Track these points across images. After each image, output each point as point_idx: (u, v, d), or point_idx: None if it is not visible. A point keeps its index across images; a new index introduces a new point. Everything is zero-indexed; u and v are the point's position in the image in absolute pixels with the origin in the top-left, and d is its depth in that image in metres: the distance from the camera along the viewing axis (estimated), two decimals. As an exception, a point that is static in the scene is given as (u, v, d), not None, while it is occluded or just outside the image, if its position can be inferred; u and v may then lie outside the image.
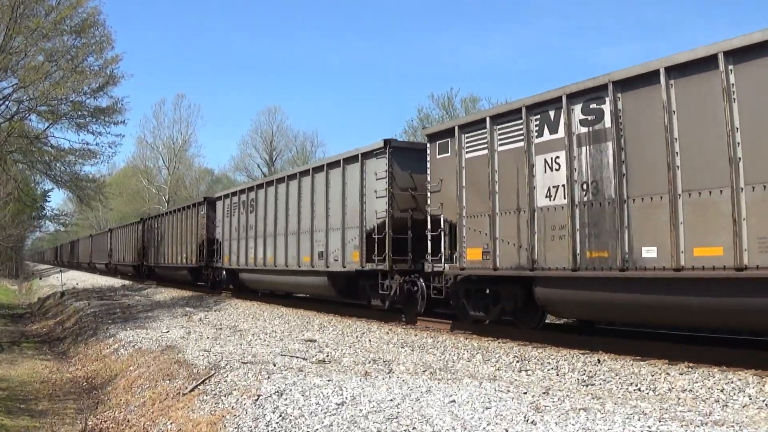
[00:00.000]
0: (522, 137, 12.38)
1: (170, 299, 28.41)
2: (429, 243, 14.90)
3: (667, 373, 9.20)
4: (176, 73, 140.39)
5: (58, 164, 28.05)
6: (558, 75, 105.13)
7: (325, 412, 7.57)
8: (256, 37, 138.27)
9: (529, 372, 10.11)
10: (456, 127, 14.10)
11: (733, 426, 6.26)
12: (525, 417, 6.75)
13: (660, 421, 6.39)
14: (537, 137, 12.12)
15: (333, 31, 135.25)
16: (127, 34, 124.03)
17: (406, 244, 16.09)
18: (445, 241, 14.41)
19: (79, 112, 26.10)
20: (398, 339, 14.02)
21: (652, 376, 9.17)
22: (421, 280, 15.57)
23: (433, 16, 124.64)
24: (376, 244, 16.37)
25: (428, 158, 15.03)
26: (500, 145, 12.97)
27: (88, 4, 24.84)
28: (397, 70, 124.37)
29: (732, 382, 8.44)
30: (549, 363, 10.56)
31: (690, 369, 9.39)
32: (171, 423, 9.19)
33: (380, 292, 16.51)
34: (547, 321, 14.62)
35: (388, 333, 14.96)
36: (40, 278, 63.28)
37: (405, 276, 15.95)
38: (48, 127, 26.11)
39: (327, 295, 20.29)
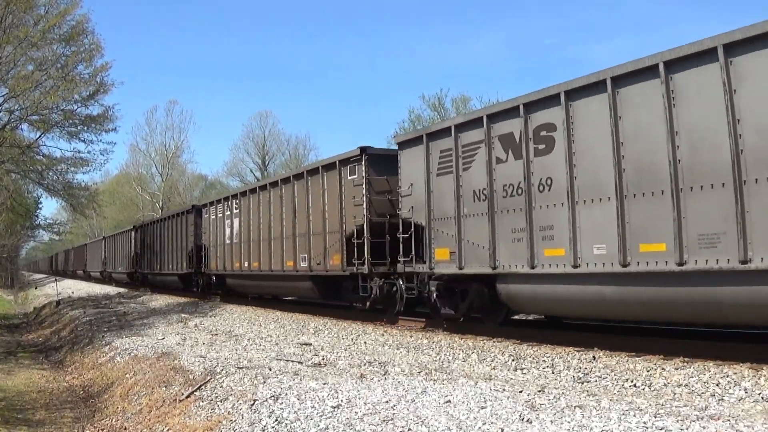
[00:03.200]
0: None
1: (165, 306, 28.36)
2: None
3: (663, 369, 9.21)
4: (167, 80, 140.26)
5: (50, 173, 28.00)
6: (550, 73, 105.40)
7: (321, 415, 7.56)
8: (247, 42, 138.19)
9: (525, 371, 10.12)
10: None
11: (729, 420, 6.26)
12: (521, 416, 6.75)
13: (656, 417, 6.39)
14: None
15: (323, 34, 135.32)
16: (116, 41, 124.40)
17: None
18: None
19: (70, 121, 26.06)
20: (394, 341, 14.02)
21: (648, 371, 9.18)
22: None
23: (423, 16, 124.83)
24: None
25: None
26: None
27: (76, 13, 24.82)
28: (389, 72, 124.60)
29: (727, 376, 8.46)
30: (544, 361, 10.57)
31: (685, 364, 9.40)
32: (168, 429, 9.17)
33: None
34: (544, 319, 14.71)
35: (383, 335, 14.96)
36: (36, 287, 63.13)
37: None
38: (39, 136, 26.08)
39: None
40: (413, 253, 15.17)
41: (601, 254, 10.61)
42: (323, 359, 11.67)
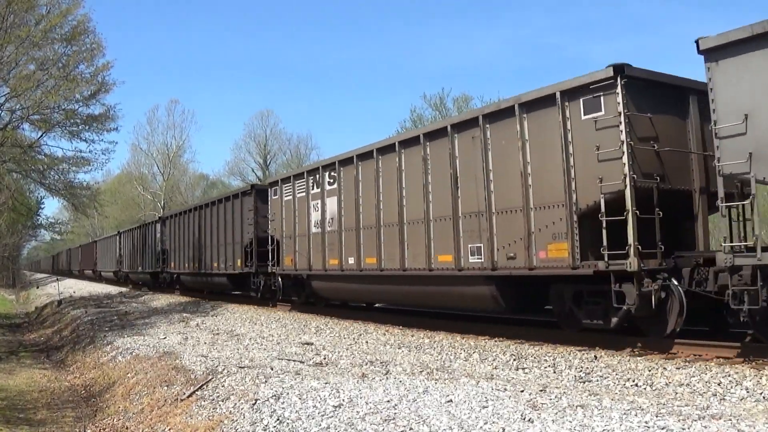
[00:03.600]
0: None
1: (167, 305, 28.36)
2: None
3: (664, 368, 9.21)
4: (169, 79, 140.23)
5: (51, 172, 27.92)
6: (551, 72, 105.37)
7: (323, 415, 7.56)
8: (248, 41, 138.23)
9: (526, 370, 10.12)
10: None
11: (730, 419, 6.26)
12: (522, 415, 6.75)
13: (657, 416, 6.39)
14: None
15: (325, 34, 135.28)
16: (118, 40, 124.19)
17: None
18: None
19: (72, 120, 25.98)
20: (395, 340, 14.01)
21: (649, 371, 9.18)
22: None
23: (424, 16, 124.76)
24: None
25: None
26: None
27: (77, 12, 24.77)
28: (390, 71, 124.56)
29: (729, 376, 8.46)
30: (546, 361, 10.57)
31: (687, 363, 9.40)
32: (169, 429, 9.18)
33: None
34: (543, 319, 14.54)
35: (385, 334, 14.96)
36: (37, 287, 63.14)
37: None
38: (41, 135, 26.00)
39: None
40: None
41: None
42: (325, 359, 11.68)
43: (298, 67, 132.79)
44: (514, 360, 10.87)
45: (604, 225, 10.78)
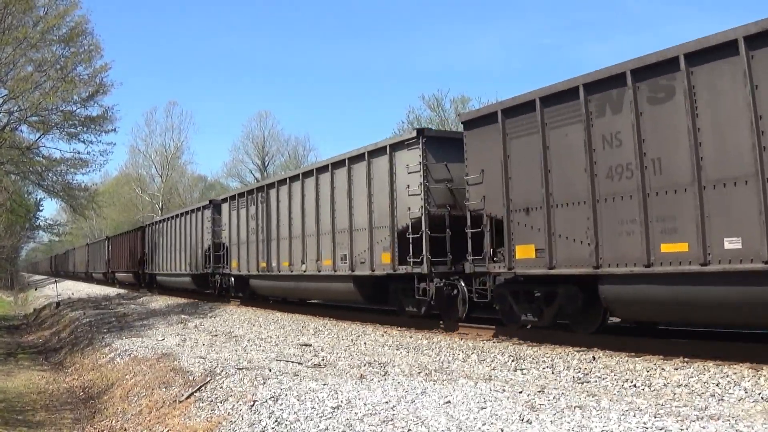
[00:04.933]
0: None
1: (165, 307, 28.37)
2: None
3: (663, 369, 9.21)
4: (167, 81, 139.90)
5: (50, 174, 27.94)
6: (549, 73, 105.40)
7: (321, 416, 7.55)
8: (246, 43, 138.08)
9: (525, 371, 10.12)
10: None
11: (729, 420, 6.27)
12: (520, 416, 6.75)
13: (656, 417, 6.40)
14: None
15: (322, 35, 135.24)
16: (115, 42, 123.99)
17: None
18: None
19: (70, 122, 26.00)
20: (393, 341, 14.01)
21: (648, 372, 9.18)
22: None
23: (421, 17, 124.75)
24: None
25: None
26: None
27: (75, 14, 24.80)
28: (387, 72, 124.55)
29: (727, 376, 8.46)
30: (544, 362, 10.57)
31: (685, 364, 9.40)
32: (167, 430, 9.17)
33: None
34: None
35: (383, 336, 14.96)
36: (36, 289, 63.11)
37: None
38: (39, 137, 26.05)
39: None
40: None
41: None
42: (323, 360, 11.67)
43: (296, 69, 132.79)
44: (513, 361, 10.87)
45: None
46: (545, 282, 12.20)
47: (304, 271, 19.63)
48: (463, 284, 14.29)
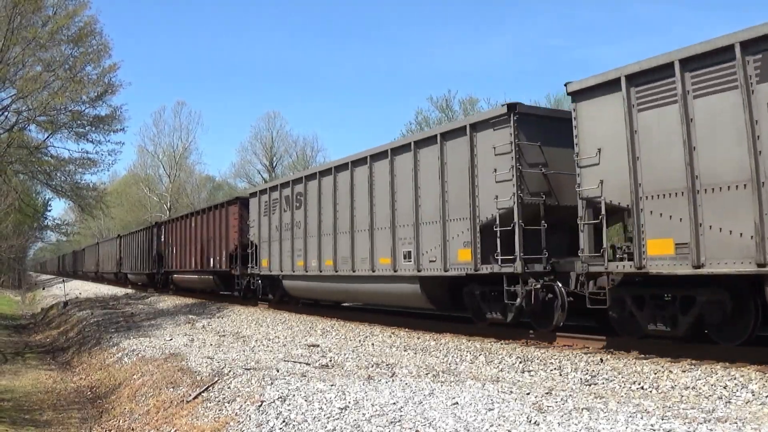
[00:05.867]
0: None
1: (173, 307, 28.42)
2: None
3: (670, 371, 9.19)
4: (175, 81, 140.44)
5: (58, 174, 27.97)
6: (557, 75, 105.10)
7: (329, 417, 7.57)
8: (255, 43, 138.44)
9: (532, 373, 10.11)
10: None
11: (736, 422, 6.26)
12: (528, 418, 6.75)
13: (663, 419, 6.39)
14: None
15: (331, 37, 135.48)
16: (124, 42, 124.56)
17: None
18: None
19: (78, 122, 26.04)
20: (401, 342, 14.01)
21: (655, 374, 9.16)
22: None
23: (430, 19, 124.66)
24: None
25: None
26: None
27: (84, 14, 24.85)
28: (396, 73, 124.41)
29: (735, 379, 8.44)
30: (552, 363, 10.56)
31: (692, 366, 9.38)
32: (175, 430, 9.20)
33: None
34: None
35: (390, 336, 14.96)
36: (43, 288, 63.31)
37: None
38: (48, 137, 26.10)
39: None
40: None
41: None
42: (331, 361, 11.69)
43: (305, 70, 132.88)
44: (520, 362, 10.86)
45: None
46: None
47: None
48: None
